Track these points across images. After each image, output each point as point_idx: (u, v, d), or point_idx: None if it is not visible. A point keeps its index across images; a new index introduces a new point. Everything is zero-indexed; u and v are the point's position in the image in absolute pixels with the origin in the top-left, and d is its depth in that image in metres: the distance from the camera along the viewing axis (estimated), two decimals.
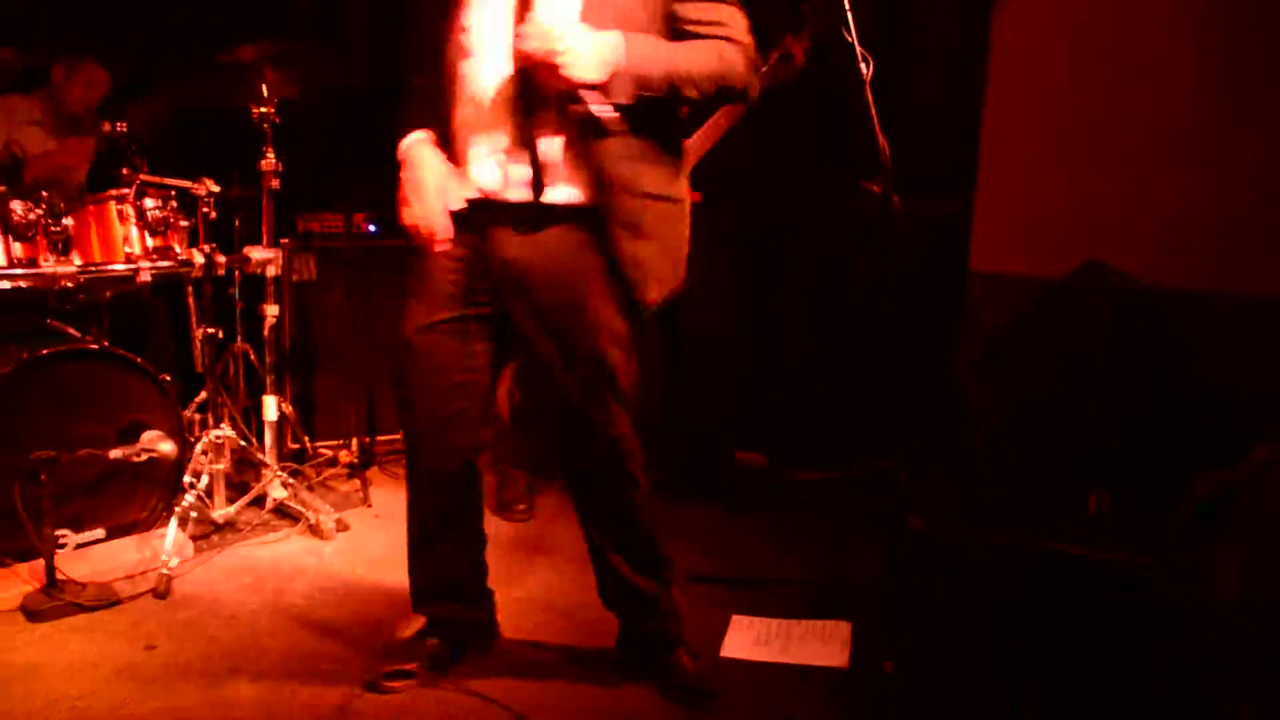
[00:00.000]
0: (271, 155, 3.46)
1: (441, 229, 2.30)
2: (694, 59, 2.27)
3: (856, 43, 2.52)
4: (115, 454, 3.16)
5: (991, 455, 2.65)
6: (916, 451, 2.74)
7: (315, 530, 3.49)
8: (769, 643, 2.77)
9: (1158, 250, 3.34)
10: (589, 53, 2.15)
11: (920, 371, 3.25)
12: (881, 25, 3.74)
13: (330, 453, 4.18)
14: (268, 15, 4.65)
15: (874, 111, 2.50)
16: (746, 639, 2.79)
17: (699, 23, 2.30)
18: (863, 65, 2.53)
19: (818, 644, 2.75)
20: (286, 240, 4.02)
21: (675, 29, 2.30)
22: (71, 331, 3.50)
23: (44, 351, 3.12)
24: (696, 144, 3.59)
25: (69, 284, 3.20)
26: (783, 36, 3.54)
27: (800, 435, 4.19)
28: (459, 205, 2.31)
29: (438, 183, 2.31)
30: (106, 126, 3.42)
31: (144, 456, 3.21)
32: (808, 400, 4.32)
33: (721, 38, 2.30)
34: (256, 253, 3.47)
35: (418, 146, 2.37)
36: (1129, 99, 3.64)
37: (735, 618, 2.89)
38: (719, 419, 3.96)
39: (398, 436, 4.32)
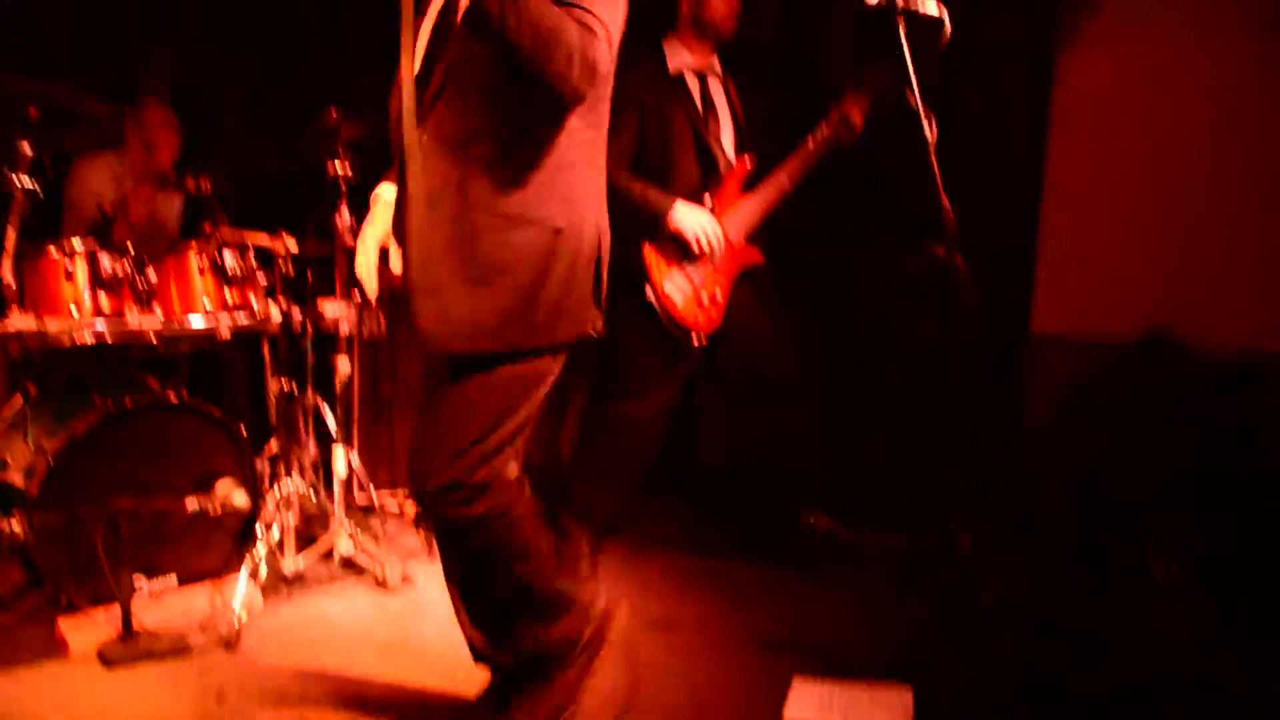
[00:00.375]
0: (346, 212, 3.56)
1: (370, 284, 2.50)
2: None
3: (920, 104, 2.55)
4: (191, 504, 3.24)
5: (1056, 521, 2.63)
6: (980, 517, 2.72)
7: (381, 583, 3.54)
8: (831, 706, 2.75)
9: (1227, 313, 3.30)
10: None
11: (984, 434, 3.24)
12: (943, 86, 3.76)
13: (396, 505, 4.23)
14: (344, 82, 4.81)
15: (938, 173, 2.53)
16: (810, 701, 2.77)
17: None
18: (926, 127, 2.56)
19: (880, 709, 2.73)
20: (358, 295, 4.11)
21: None
22: (152, 382, 3.61)
23: (127, 404, 3.22)
24: (759, 204, 3.63)
25: (153, 338, 3.30)
26: (842, 95, 3.58)
27: (866, 497, 4.16)
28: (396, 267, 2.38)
29: (378, 236, 2.47)
30: (190, 183, 3.55)
31: (218, 507, 3.29)
32: (874, 461, 4.29)
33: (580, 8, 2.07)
34: (330, 308, 3.56)
35: (375, 200, 2.51)
36: (1196, 155, 3.61)
37: (798, 679, 2.87)
38: (785, 479, 3.95)
39: None
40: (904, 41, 2.56)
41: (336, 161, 3.49)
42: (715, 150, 3.67)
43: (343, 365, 3.66)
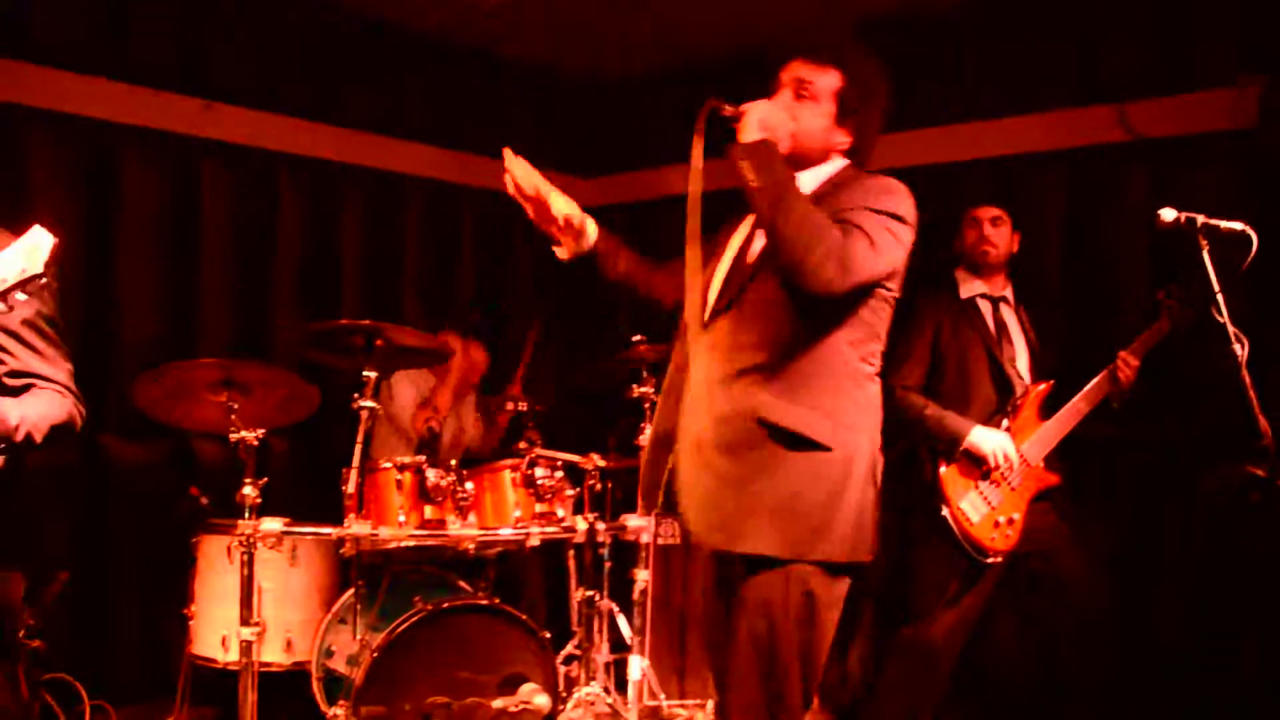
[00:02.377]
0: (649, 430, 3.76)
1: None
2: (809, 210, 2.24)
3: (1229, 322, 2.49)
4: (497, 704, 3.41)
5: None
6: None
7: None
8: None
9: None
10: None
11: None
12: (1251, 302, 3.63)
13: (684, 713, 4.26)
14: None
15: (1251, 392, 2.44)
16: None
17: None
18: (1236, 346, 2.49)
19: None
20: (658, 508, 4.28)
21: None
22: (463, 585, 3.87)
23: (444, 605, 3.47)
24: (1056, 429, 3.59)
25: (470, 546, 3.57)
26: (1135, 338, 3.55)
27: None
28: None
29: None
30: (510, 405, 3.88)
31: (520, 708, 3.44)
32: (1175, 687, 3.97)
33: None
34: (633, 521, 3.73)
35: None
36: None
37: None
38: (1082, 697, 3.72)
39: None
40: (1207, 259, 2.53)
41: (639, 385, 3.73)
42: (1011, 374, 3.69)
43: (641, 576, 3.80)
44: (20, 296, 2.07)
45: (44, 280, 2.07)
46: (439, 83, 5.43)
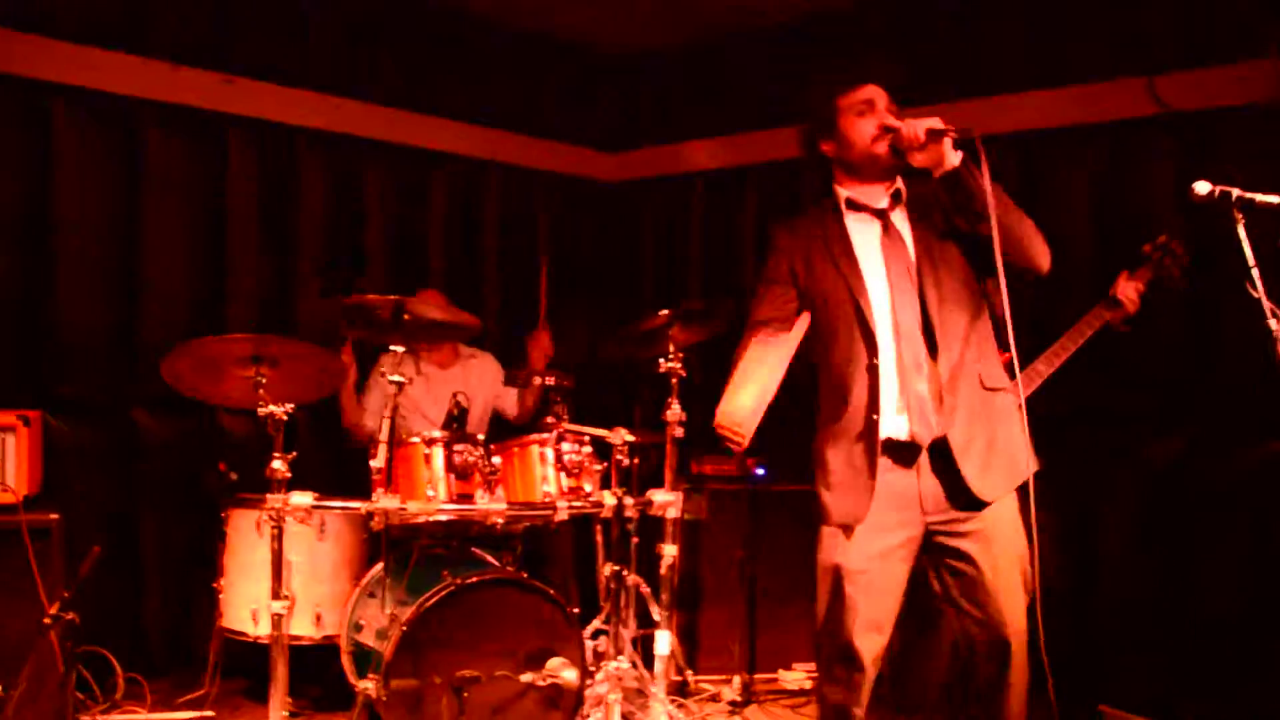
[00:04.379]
0: (676, 405, 3.76)
1: (747, 430, 2.85)
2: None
3: (1264, 297, 2.46)
4: (525, 677, 3.43)
5: None
6: None
7: None
8: None
9: None
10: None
11: None
12: None
13: (712, 688, 4.28)
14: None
15: None
16: None
17: None
18: (1272, 321, 2.46)
19: None
20: (684, 484, 4.31)
21: None
22: (490, 559, 3.89)
23: (472, 579, 3.49)
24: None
25: (498, 520, 3.59)
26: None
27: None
28: None
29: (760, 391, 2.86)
30: (537, 380, 3.89)
31: (548, 682, 3.46)
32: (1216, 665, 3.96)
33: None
34: (659, 496, 3.74)
35: (752, 360, 2.92)
36: None
37: None
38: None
39: (776, 675, 4.40)
40: (1242, 233, 2.50)
41: (667, 359, 3.72)
42: None
43: (668, 551, 3.81)
44: None
45: None
46: (464, 57, 5.42)
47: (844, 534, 2.79)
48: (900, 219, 2.88)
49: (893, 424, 2.77)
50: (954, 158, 2.68)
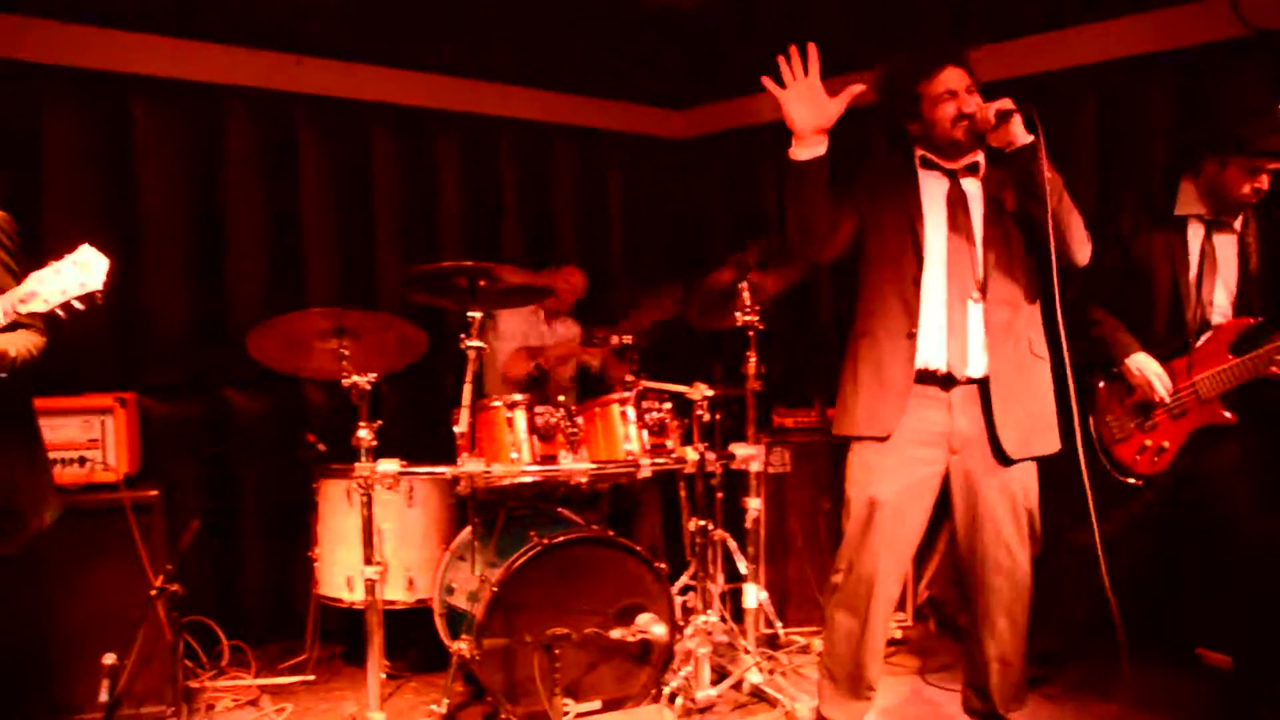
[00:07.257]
0: (754, 359, 3.74)
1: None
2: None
3: None
4: (615, 634, 3.46)
5: None
6: None
7: (790, 717, 3.58)
8: None
9: None
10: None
11: None
12: None
13: (802, 640, 4.28)
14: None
15: None
16: None
17: None
18: None
19: None
20: (765, 437, 4.30)
21: None
22: (576, 519, 3.93)
23: (559, 539, 3.52)
24: (1240, 372, 3.41)
25: (582, 479, 3.62)
26: None
27: None
28: None
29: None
30: (614, 339, 3.90)
31: (638, 638, 3.49)
32: None
33: None
34: (741, 450, 3.73)
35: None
36: None
37: None
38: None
39: None
40: None
41: (744, 314, 3.70)
42: (1201, 301, 3.50)
43: (752, 505, 3.81)
44: (79, 306, 2.42)
45: (100, 295, 2.43)
46: (526, 23, 5.41)
47: (875, 465, 3.02)
48: (972, 185, 3.04)
49: (930, 350, 2.96)
50: (1024, 137, 2.86)
